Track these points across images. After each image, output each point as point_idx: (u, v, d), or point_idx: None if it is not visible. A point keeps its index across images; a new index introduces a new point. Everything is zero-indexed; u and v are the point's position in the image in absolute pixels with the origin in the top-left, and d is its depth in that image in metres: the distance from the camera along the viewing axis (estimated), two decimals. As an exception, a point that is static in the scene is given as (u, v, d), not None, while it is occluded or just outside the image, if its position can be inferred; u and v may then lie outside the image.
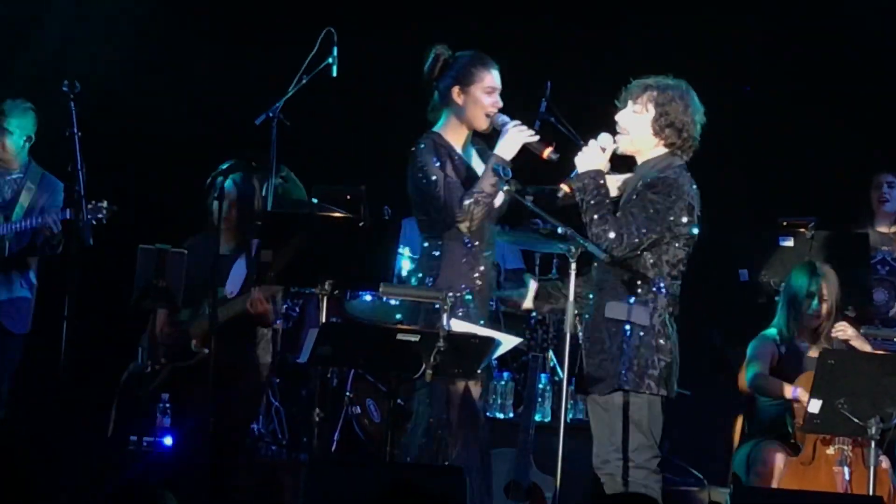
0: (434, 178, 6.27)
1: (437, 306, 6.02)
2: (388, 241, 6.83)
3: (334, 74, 7.83)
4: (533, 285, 6.39)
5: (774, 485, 7.20)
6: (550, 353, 8.19)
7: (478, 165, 6.45)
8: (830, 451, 7.37)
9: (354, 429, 8.24)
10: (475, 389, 6.40)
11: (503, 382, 8.31)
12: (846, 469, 7.29)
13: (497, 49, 6.64)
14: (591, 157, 6.10)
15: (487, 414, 8.07)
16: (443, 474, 5.90)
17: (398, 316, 8.12)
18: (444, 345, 5.91)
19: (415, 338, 5.99)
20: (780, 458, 7.36)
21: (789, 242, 8.22)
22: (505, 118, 6.36)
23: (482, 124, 6.37)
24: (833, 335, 7.57)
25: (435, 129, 6.42)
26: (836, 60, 9.47)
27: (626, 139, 6.17)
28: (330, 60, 7.79)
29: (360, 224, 7.14)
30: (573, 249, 6.22)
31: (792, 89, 9.35)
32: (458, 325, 6.13)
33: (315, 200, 8.07)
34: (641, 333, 6.04)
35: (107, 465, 7.25)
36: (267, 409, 8.24)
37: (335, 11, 8.72)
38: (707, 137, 6.24)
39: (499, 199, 6.33)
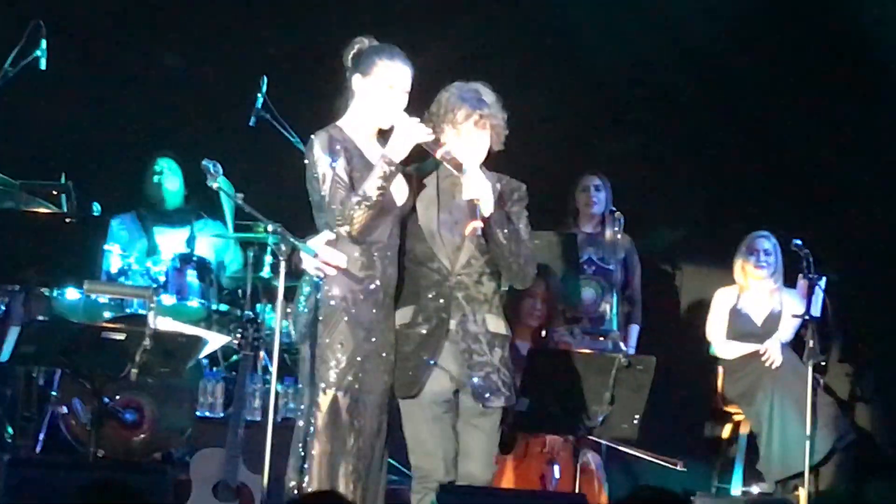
0: (321, 174, 5.77)
1: (144, 304, 5.88)
2: (96, 238, 6.71)
3: (43, 67, 7.66)
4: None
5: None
6: (262, 352, 8.17)
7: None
8: (540, 448, 7.56)
9: (61, 429, 8.05)
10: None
11: (213, 381, 8.26)
12: (556, 466, 7.49)
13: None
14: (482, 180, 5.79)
15: (197, 413, 8.06)
16: (145, 472, 5.83)
17: (106, 314, 8.05)
18: (150, 343, 5.84)
19: (120, 336, 5.90)
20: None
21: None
22: (402, 115, 5.84)
23: (381, 121, 5.85)
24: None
25: (339, 121, 5.94)
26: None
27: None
28: (38, 53, 7.62)
29: (66, 220, 6.97)
30: (283, 248, 6.20)
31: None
32: (166, 324, 6.05)
33: (22, 195, 7.87)
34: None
35: None
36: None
37: (46, 5, 8.51)
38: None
39: (401, 198, 5.86)
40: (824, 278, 8.33)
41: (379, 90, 5.85)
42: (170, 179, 8.99)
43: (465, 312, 5.79)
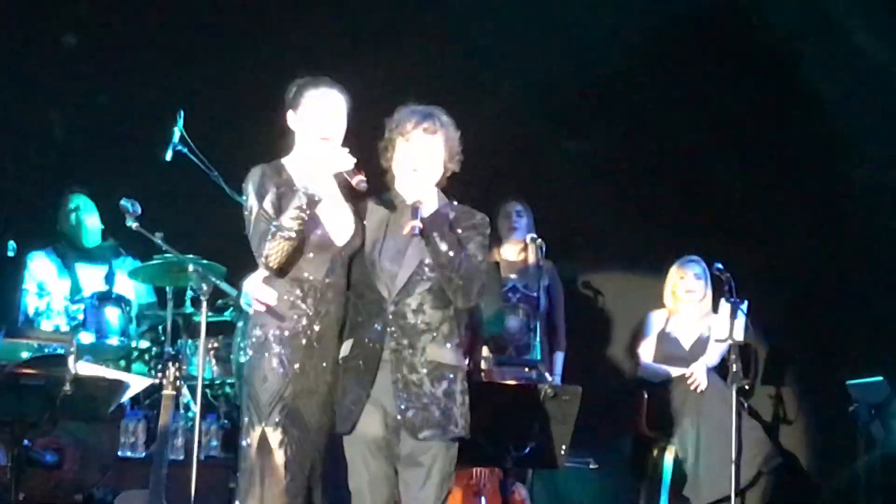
0: (249, 207, 5.71)
1: (62, 350, 5.78)
2: (12, 278, 6.60)
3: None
4: None
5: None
6: (185, 390, 8.08)
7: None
8: (467, 481, 7.53)
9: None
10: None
11: (135, 420, 8.15)
12: (483, 499, 7.46)
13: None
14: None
15: (119, 453, 7.95)
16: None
17: (25, 354, 7.92)
18: (70, 388, 5.73)
19: (41, 381, 5.79)
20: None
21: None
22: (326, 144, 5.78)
23: (319, 152, 5.75)
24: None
25: (283, 158, 5.86)
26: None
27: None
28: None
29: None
30: (204, 287, 6.12)
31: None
32: (87, 368, 5.95)
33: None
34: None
35: None
36: None
37: None
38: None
39: (342, 236, 5.76)
40: (746, 302, 8.37)
41: (309, 121, 5.81)
42: (87, 216, 8.89)
43: (401, 342, 5.66)
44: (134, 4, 9.47)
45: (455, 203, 5.84)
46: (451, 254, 5.63)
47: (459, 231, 5.74)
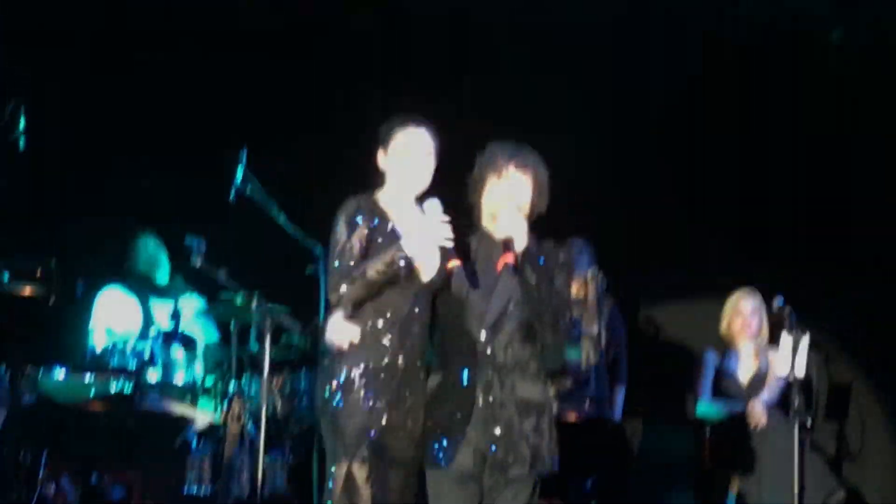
0: (337, 239, 5.83)
1: (129, 386, 5.85)
2: (80, 318, 6.71)
3: (22, 148, 7.67)
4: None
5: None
6: (249, 425, 8.15)
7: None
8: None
9: (49, 508, 8.02)
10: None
11: (200, 457, 8.22)
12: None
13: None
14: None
15: (185, 489, 8.02)
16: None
17: (92, 393, 8.03)
18: (137, 424, 5.82)
19: (106, 416, 5.89)
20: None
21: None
22: (433, 205, 5.79)
23: (413, 186, 5.90)
24: None
25: (378, 192, 5.98)
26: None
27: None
28: (17, 133, 7.63)
29: (51, 300, 6.97)
30: (268, 323, 6.18)
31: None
32: (153, 405, 6.02)
33: (6, 275, 7.87)
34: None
35: None
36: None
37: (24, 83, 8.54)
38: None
39: (428, 272, 5.81)
40: (807, 336, 8.34)
41: (399, 158, 5.93)
42: (159, 254, 9.02)
43: (491, 379, 5.70)
44: (200, 43, 9.60)
45: (541, 241, 5.90)
46: (543, 289, 5.69)
47: (548, 267, 5.81)
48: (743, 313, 8.87)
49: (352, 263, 5.77)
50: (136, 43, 9.53)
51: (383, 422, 5.72)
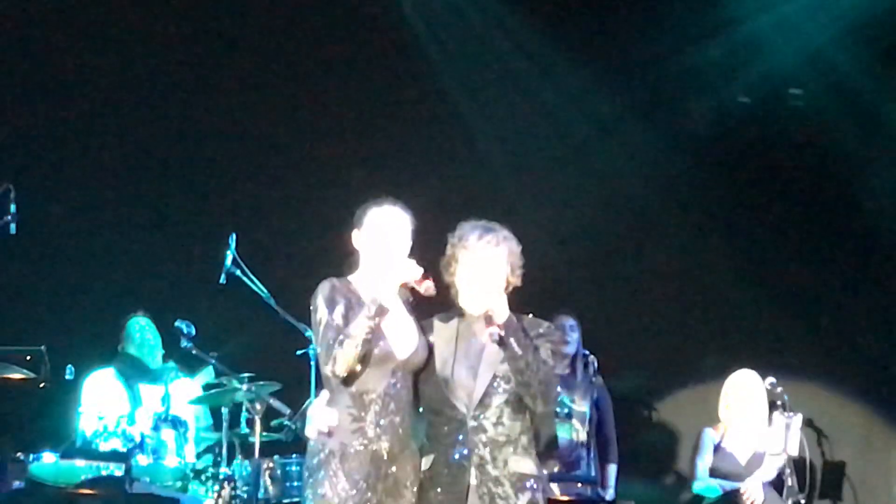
0: (318, 318, 5.79)
1: (119, 470, 5.81)
2: (70, 402, 6.69)
3: (12, 232, 7.67)
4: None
5: None
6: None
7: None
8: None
9: None
10: None
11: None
12: None
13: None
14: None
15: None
16: None
17: (84, 477, 7.99)
18: (125, 507, 5.79)
19: (96, 501, 5.86)
20: None
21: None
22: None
23: (387, 263, 5.83)
24: None
25: (349, 276, 5.96)
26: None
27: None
28: (8, 218, 7.63)
29: (41, 385, 6.95)
30: (258, 406, 6.18)
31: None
32: (142, 489, 5.98)
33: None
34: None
35: None
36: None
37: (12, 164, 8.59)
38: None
39: (405, 350, 5.80)
40: (800, 416, 8.34)
41: (373, 237, 5.91)
42: (151, 338, 9.02)
43: (485, 456, 5.67)
44: (190, 127, 9.67)
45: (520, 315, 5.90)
46: (530, 359, 5.66)
47: (532, 338, 5.78)
48: (741, 394, 8.86)
49: (333, 335, 5.77)
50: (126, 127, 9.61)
51: (361, 503, 5.69)
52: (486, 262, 5.83)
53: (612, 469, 9.07)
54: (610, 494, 8.71)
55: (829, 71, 9.47)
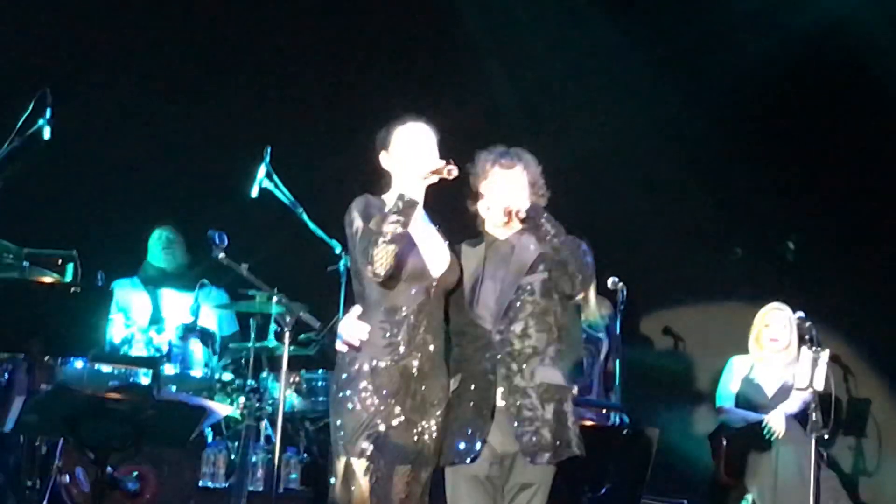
0: (355, 229, 5.79)
1: (147, 376, 5.85)
2: (100, 308, 6.72)
3: (46, 137, 7.66)
4: None
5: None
6: (265, 422, 8.16)
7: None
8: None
9: (63, 498, 8.03)
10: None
11: (216, 451, 8.24)
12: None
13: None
14: None
15: (199, 483, 8.04)
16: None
17: (111, 384, 8.05)
18: (153, 413, 5.80)
19: (124, 405, 5.88)
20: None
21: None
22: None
23: (420, 176, 5.81)
24: None
25: (383, 195, 5.94)
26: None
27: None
28: (42, 122, 7.62)
29: (71, 289, 6.97)
30: (288, 318, 6.17)
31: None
32: (170, 395, 6.03)
33: (27, 264, 7.87)
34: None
35: None
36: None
37: (50, 72, 8.57)
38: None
39: (437, 268, 5.78)
40: (827, 351, 8.32)
41: (402, 155, 5.89)
42: (174, 244, 9.05)
43: (511, 368, 5.70)
44: (224, 43, 9.65)
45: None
46: (563, 236, 5.71)
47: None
48: (772, 326, 8.85)
49: (369, 240, 5.75)
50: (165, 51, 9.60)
51: (389, 418, 5.70)
52: (505, 181, 5.86)
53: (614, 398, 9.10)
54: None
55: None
